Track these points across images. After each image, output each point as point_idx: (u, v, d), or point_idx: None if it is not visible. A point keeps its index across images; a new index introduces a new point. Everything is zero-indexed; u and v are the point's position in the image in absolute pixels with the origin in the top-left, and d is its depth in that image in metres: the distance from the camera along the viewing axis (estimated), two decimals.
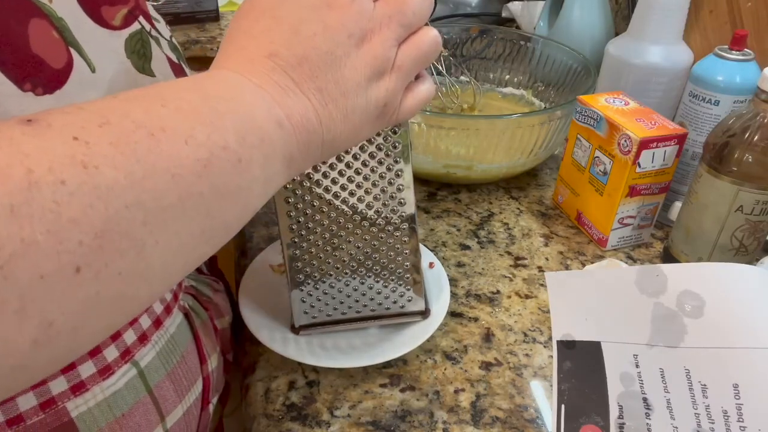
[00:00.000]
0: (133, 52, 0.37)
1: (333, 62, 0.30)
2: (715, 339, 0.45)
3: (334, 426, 0.44)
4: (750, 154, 0.49)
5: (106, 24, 0.35)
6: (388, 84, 0.32)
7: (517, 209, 0.68)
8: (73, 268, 0.20)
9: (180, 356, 0.43)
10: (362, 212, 0.43)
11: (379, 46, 0.31)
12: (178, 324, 0.44)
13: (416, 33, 0.33)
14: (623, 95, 0.62)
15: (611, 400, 0.45)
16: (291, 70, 0.29)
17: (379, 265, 0.46)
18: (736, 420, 0.42)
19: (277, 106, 0.29)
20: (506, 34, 0.84)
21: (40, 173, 0.20)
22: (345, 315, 0.48)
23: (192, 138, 0.25)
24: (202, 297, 0.50)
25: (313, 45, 0.30)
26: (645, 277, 0.49)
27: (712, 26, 0.68)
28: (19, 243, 0.19)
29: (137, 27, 0.37)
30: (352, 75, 0.30)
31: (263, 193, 0.29)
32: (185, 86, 0.27)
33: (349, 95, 0.31)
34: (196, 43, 1.14)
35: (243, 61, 0.30)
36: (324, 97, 0.30)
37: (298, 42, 0.30)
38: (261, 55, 0.29)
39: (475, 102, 0.81)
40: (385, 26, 0.31)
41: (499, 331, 0.52)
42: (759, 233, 0.53)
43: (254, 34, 0.30)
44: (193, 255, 0.27)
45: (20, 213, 0.19)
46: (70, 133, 0.21)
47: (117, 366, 0.38)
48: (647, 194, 0.59)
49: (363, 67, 0.31)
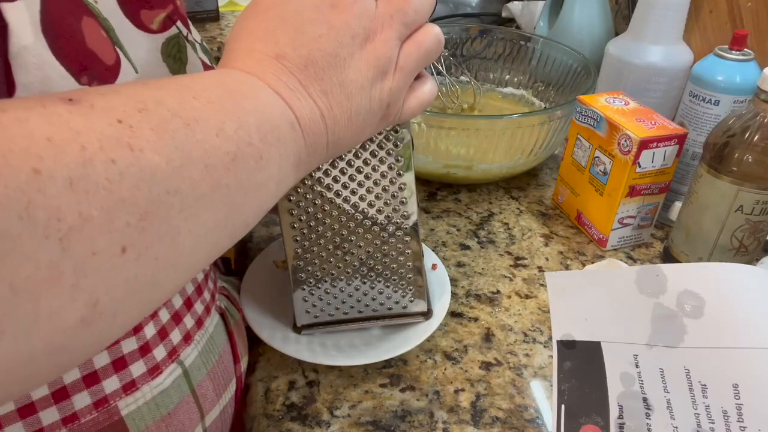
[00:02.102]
0: (170, 56, 0.37)
1: (337, 64, 0.30)
2: (715, 339, 0.45)
3: (334, 426, 0.44)
4: (750, 154, 0.49)
5: (145, 27, 0.35)
6: (391, 84, 0.32)
7: (517, 209, 0.68)
8: (120, 247, 0.21)
9: (218, 356, 0.44)
10: (364, 211, 0.43)
11: (382, 45, 0.31)
12: (215, 324, 0.45)
13: (418, 31, 0.33)
14: (623, 95, 0.62)
15: (611, 400, 0.45)
16: (298, 72, 0.30)
17: (382, 266, 0.46)
18: (736, 420, 0.42)
19: (289, 108, 0.29)
20: (506, 34, 0.84)
21: (92, 150, 0.20)
22: (347, 315, 0.48)
23: (222, 131, 0.25)
24: (233, 297, 0.50)
25: (318, 46, 0.30)
26: (645, 277, 0.49)
27: (712, 26, 0.68)
28: (77, 216, 0.19)
29: (174, 31, 0.37)
30: (356, 76, 0.31)
31: (276, 193, 0.30)
32: (209, 81, 0.28)
33: (353, 97, 0.31)
34: None
35: (252, 62, 0.30)
36: (329, 99, 0.30)
37: (303, 43, 0.30)
38: (268, 56, 0.30)
39: (475, 102, 0.81)
40: (387, 26, 0.31)
41: (499, 331, 0.52)
42: (759, 233, 0.53)
43: (260, 35, 0.30)
44: (216, 246, 0.27)
45: (78, 187, 0.19)
46: (114, 116, 0.22)
47: (165, 365, 0.38)
48: (647, 194, 0.59)
49: (366, 68, 0.31)
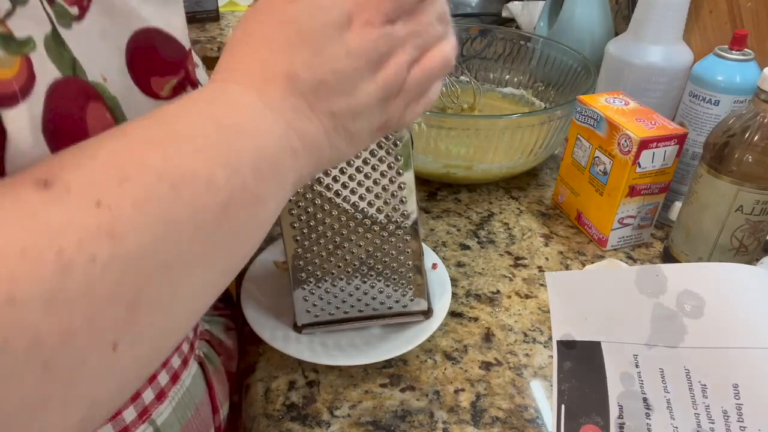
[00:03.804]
0: None
1: (349, 87, 0.29)
2: (715, 339, 0.45)
3: (334, 426, 0.44)
4: (750, 154, 0.49)
5: (155, 95, 0.35)
6: (393, 105, 0.31)
7: (517, 209, 0.68)
8: (110, 346, 0.20)
9: (194, 409, 0.43)
10: (364, 210, 0.43)
11: (393, 71, 0.30)
12: (193, 375, 0.44)
13: (429, 52, 0.32)
14: (623, 95, 0.62)
15: (611, 400, 0.45)
16: (308, 93, 0.28)
17: (382, 265, 0.46)
18: (736, 420, 0.42)
19: (292, 131, 0.28)
20: (506, 34, 0.84)
21: (70, 252, 0.19)
22: (347, 314, 0.48)
23: (212, 182, 0.24)
24: (215, 341, 0.49)
25: (333, 69, 0.28)
26: (645, 277, 0.49)
27: (712, 26, 0.68)
28: (58, 335, 0.18)
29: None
30: (365, 99, 0.30)
31: (273, 220, 0.29)
32: (198, 115, 0.26)
33: (358, 117, 0.30)
34: (196, 43, 1.14)
35: (258, 78, 0.28)
36: (336, 120, 0.29)
37: (320, 64, 0.28)
38: (279, 73, 0.28)
39: (475, 102, 0.81)
40: (401, 49, 0.30)
41: (499, 331, 0.52)
42: (759, 233, 0.53)
43: (273, 46, 0.29)
44: (214, 293, 0.26)
45: (57, 303, 0.18)
46: (92, 198, 0.21)
47: (134, 427, 0.37)
48: (647, 194, 0.59)
49: (376, 91, 0.30)
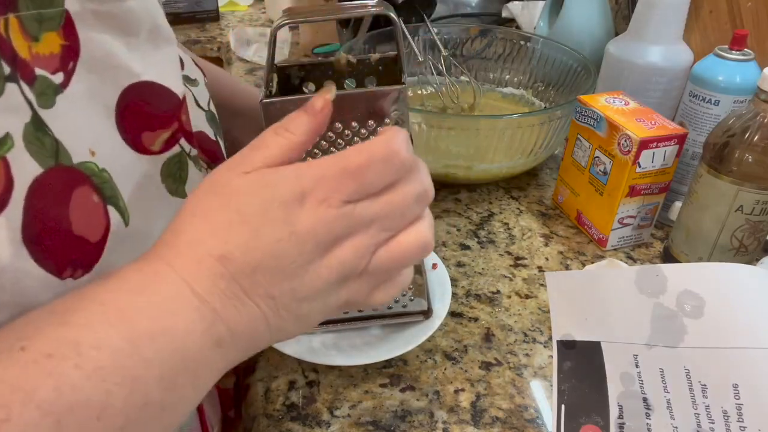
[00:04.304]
0: (169, 176, 0.35)
1: (293, 271, 0.27)
2: (715, 339, 0.45)
3: (334, 426, 0.44)
4: (750, 154, 0.49)
5: (145, 150, 0.33)
6: (352, 287, 0.29)
7: (517, 209, 0.68)
8: None
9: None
10: None
11: (351, 253, 0.27)
12: None
13: (401, 235, 0.29)
14: (623, 95, 0.62)
15: (611, 400, 0.45)
16: (242, 277, 0.26)
17: None
18: (736, 420, 0.42)
19: (220, 322, 0.26)
20: (506, 34, 0.84)
21: None
22: (347, 314, 0.48)
23: (106, 409, 0.23)
24: None
25: (273, 252, 0.26)
26: (645, 277, 0.49)
27: (712, 26, 0.68)
28: None
29: (177, 150, 0.35)
30: (313, 282, 0.27)
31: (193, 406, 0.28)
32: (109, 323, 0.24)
33: (305, 301, 0.27)
34: (196, 43, 1.14)
35: (190, 261, 0.26)
36: (276, 304, 0.27)
37: (256, 247, 0.26)
38: (211, 256, 0.26)
39: (475, 102, 0.81)
40: (363, 232, 0.27)
41: (499, 331, 0.52)
42: (759, 233, 0.53)
43: (213, 225, 0.27)
44: None
45: None
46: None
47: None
48: (647, 194, 0.59)
49: (327, 274, 0.27)
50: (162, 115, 0.34)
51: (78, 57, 0.29)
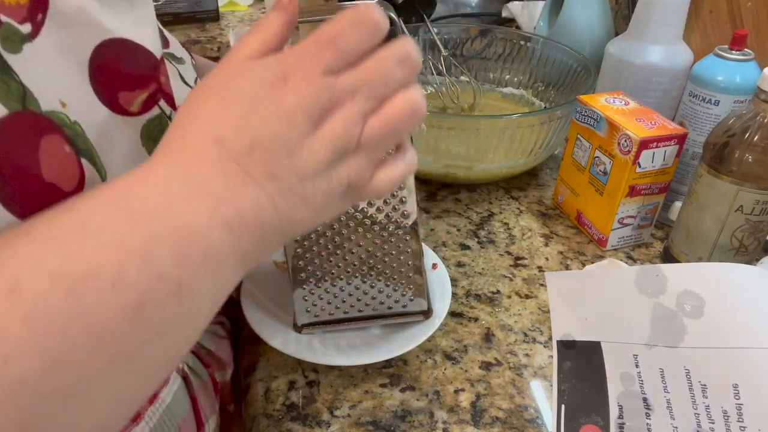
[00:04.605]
0: (150, 139, 0.34)
1: (288, 147, 0.27)
2: (715, 339, 0.45)
3: (334, 426, 0.44)
4: (750, 154, 0.49)
5: (123, 111, 0.33)
6: (351, 164, 0.29)
7: (517, 209, 0.68)
8: None
9: (176, 427, 0.41)
10: (364, 210, 0.43)
11: (340, 124, 0.27)
12: (175, 391, 0.42)
13: (388, 103, 0.29)
14: (623, 95, 0.62)
15: (611, 400, 0.45)
16: (241, 156, 0.26)
17: (382, 265, 0.46)
18: (736, 420, 0.42)
19: (224, 203, 0.26)
20: (506, 34, 0.84)
21: None
22: (347, 314, 0.48)
23: (119, 279, 0.22)
24: (202, 352, 0.48)
25: (265, 128, 0.26)
26: (645, 277, 0.49)
27: (712, 26, 0.68)
28: None
29: (156, 112, 0.35)
30: (311, 157, 0.27)
31: (213, 305, 0.27)
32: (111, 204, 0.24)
33: (307, 178, 0.27)
34: (196, 43, 1.14)
35: (186, 150, 0.27)
36: (279, 183, 0.27)
37: (249, 126, 0.27)
38: (206, 141, 0.26)
39: (475, 102, 0.81)
40: (349, 101, 0.28)
41: (499, 331, 0.52)
42: (759, 233, 0.53)
43: (202, 115, 0.27)
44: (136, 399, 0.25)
45: None
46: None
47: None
48: (647, 194, 0.59)
49: (323, 149, 0.27)
50: (139, 75, 0.33)
51: (47, 9, 0.29)
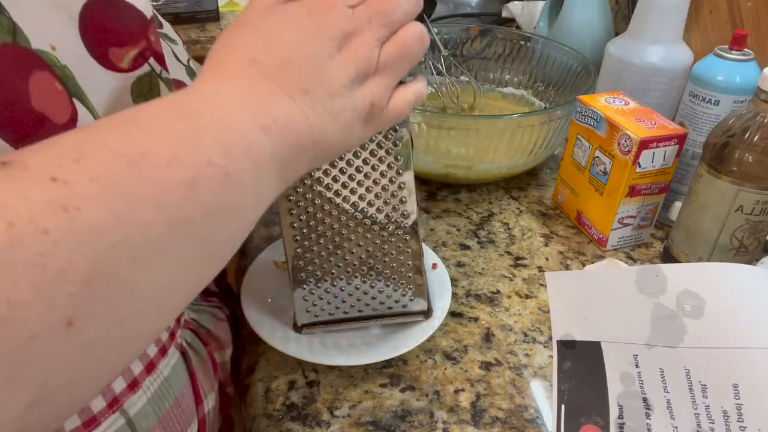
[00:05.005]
0: (140, 96, 0.36)
1: (316, 63, 0.30)
2: (715, 339, 0.45)
3: (334, 426, 0.44)
4: (750, 154, 0.49)
5: (114, 66, 0.34)
6: (372, 84, 0.32)
7: (517, 209, 0.68)
8: (64, 322, 0.19)
9: (173, 400, 0.42)
10: (364, 210, 0.43)
11: (361, 47, 0.31)
12: (173, 365, 0.42)
13: (399, 31, 0.33)
14: (623, 95, 0.62)
15: (611, 400, 0.45)
16: (274, 74, 0.29)
17: (382, 265, 0.46)
18: (736, 420, 0.42)
19: (262, 113, 0.28)
20: (506, 34, 0.84)
21: (20, 225, 0.19)
22: (347, 314, 0.48)
23: (173, 160, 0.24)
24: (201, 330, 0.48)
25: (294, 48, 0.30)
26: (645, 277, 0.49)
27: (712, 26, 0.68)
28: (5, 305, 0.18)
29: (146, 69, 0.36)
30: (337, 75, 0.30)
31: (258, 205, 0.29)
32: (161, 105, 0.27)
33: (335, 95, 0.30)
34: (196, 43, 1.14)
35: (224, 72, 0.29)
36: (310, 98, 0.30)
37: (279, 47, 0.30)
38: (242, 63, 0.29)
39: (475, 102, 0.81)
40: (366, 28, 0.31)
41: (499, 331, 0.52)
42: (759, 233, 0.53)
43: (236, 46, 0.30)
44: (190, 282, 0.26)
45: (4, 273, 0.18)
46: (47, 174, 0.20)
47: (103, 417, 0.36)
48: (647, 194, 0.59)
49: (346, 68, 0.31)
50: (129, 32, 0.35)
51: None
